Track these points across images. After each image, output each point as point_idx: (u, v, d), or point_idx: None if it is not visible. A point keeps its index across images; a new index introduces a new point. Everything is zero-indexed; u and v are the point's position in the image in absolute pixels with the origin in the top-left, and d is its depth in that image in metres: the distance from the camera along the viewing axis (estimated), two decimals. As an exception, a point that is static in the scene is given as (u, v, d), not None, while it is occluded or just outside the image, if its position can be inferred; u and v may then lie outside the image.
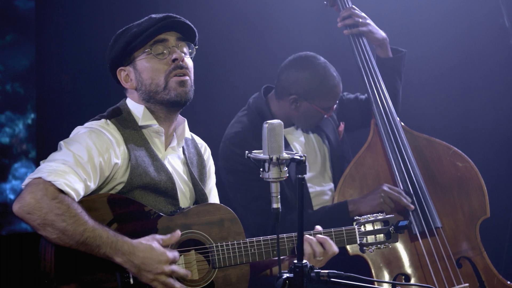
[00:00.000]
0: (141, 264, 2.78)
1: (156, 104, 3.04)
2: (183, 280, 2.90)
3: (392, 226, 3.29)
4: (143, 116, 3.04)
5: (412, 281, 3.88)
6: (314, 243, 3.11)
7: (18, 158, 4.91)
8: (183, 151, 3.17)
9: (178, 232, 2.90)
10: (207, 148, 3.31)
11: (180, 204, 3.03)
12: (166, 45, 3.02)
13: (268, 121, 2.65)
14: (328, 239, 3.14)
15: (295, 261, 2.64)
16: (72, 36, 4.86)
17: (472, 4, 5.21)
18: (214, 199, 3.28)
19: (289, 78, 4.07)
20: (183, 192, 3.10)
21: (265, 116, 4.04)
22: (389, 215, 3.32)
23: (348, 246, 3.82)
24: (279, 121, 2.66)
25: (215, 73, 5.08)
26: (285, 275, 2.62)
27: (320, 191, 4.15)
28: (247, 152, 2.70)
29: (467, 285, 3.92)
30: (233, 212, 3.05)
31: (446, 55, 5.30)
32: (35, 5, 4.87)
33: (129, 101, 3.09)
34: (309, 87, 4.04)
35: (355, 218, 3.29)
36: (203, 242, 2.97)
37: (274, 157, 2.63)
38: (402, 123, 4.15)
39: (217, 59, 5.07)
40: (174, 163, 3.11)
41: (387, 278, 3.89)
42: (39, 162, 2.84)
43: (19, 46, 4.89)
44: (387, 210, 3.81)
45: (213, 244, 2.97)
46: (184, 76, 3.02)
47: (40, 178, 2.73)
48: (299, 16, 5.20)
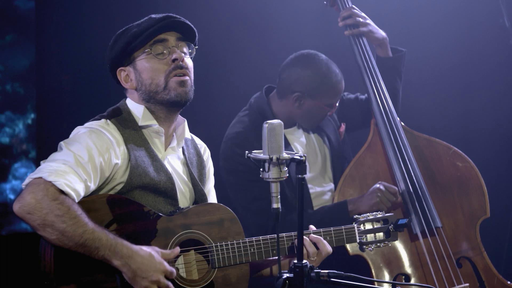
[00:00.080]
0: (138, 269, 2.77)
1: (156, 104, 3.04)
2: (182, 279, 2.90)
3: (392, 225, 3.29)
4: (143, 116, 3.03)
5: (412, 281, 3.88)
6: (307, 243, 3.09)
7: (18, 158, 4.91)
8: (183, 152, 3.17)
9: (178, 249, 2.89)
10: (207, 149, 3.31)
11: (180, 205, 3.03)
12: (166, 45, 3.02)
13: (268, 121, 2.65)
14: (322, 239, 3.11)
15: (295, 261, 2.64)
16: (72, 36, 4.86)
17: (472, 4, 5.21)
18: (213, 201, 3.27)
19: (292, 76, 4.07)
20: (183, 193, 3.09)
21: (267, 116, 4.04)
22: (389, 214, 3.32)
23: (348, 246, 3.83)
24: (279, 121, 2.66)
25: (215, 73, 5.08)
26: (285, 275, 2.62)
27: (321, 192, 4.15)
28: (247, 152, 2.70)
29: (467, 285, 3.92)
30: (233, 212, 3.05)
31: (446, 55, 5.30)
32: (35, 5, 4.87)
33: (129, 101, 3.09)
34: (312, 84, 4.04)
35: (355, 217, 3.29)
36: (203, 242, 2.97)
37: (274, 157, 2.63)
38: (402, 123, 4.15)
39: (217, 59, 5.07)
40: (174, 164, 3.11)
41: (387, 278, 3.89)
42: (39, 162, 2.84)
43: (19, 46, 4.89)
44: (384, 209, 3.81)
45: (213, 244, 2.97)
46: (184, 76, 3.02)
47: (41, 178, 2.73)
48: (299, 16, 5.20)
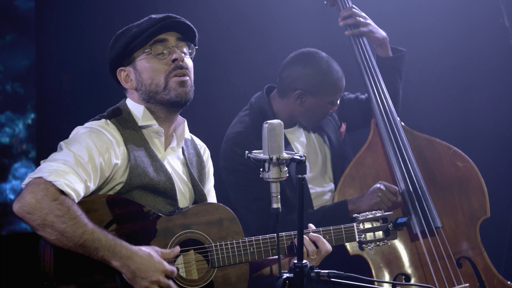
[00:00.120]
0: (137, 270, 2.77)
1: (156, 104, 3.04)
2: (182, 279, 2.90)
3: (391, 223, 3.28)
4: (143, 116, 3.03)
5: (412, 281, 3.88)
6: (307, 242, 3.08)
7: (18, 158, 4.91)
8: (183, 152, 3.17)
9: (178, 248, 2.89)
10: (207, 150, 3.31)
11: (179, 205, 3.03)
12: (166, 45, 3.02)
13: (268, 121, 2.65)
14: (321, 237, 3.11)
15: (295, 261, 2.63)
16: (72, 36, 4.86)
17: (472, 4, 5.21)
18: (212, 201, 3.26)
19: (293, 74, 4.07)
20: (182, 193, 3.09)
21: (267, 116, 4.04)
22: (388, 212, 3.32)
23: (348, 246, 3.82)
24: (279, 121, 2.65)
25: (215, 73, 5.08)
26: (285, 275, 2.62)
27: (321, 192, 4.15)
28: (247, 152, 2.70)
29: (467, 285, 3.91)
30: (232, 212, 3.05)
31: (446, 55, 5.30)
32: (35, 5, 4.87)
33: (129, 101, 3.09)
34: (314, 82, 4.04)
35: (354, 216, 3.28)
36: (202, 242, 2.97)
37: (274, 157, 2.63)
38: (403, 123, 4.14)
39: (217, 59, 5.07)
40: (174, 164, 3.11)
41: (387, 278, 3.89)
42: (39, 162, 2.83)
43: (19, 46, 4.89)
44: (384, 209, 3.81)
45: (212, 244, 2.97)
46: (184, 76, 3.02)
47: (41, 178, 2.73)
48: (299, 16, 5.20)
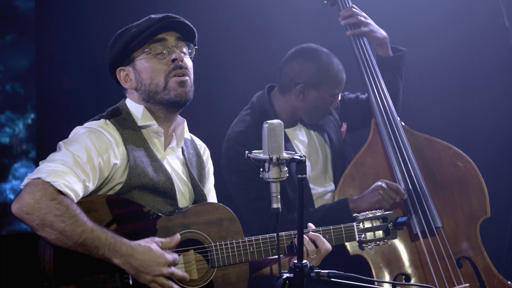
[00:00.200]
0: (139, 266, 2.77)
1: (156, 104, 3.04)
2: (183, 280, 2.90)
3: (391, 223, 3.28)
4: (143, 116, 3.03)
5: (413, 281, 3.88)
6: (306, 242, 3.07)
7: (18, 158, 4.91)
8: (183, 152, 3.17)
9: (178, 236, 2.89)
10: (206, 149, 3.31)
11: (179, 205, 3.03)
12: (166, 45, 3.02)
13: (268, 121, 2.64)
14: (320, 236, 3.10)
15: (295, 261, 2.63)
16: (72, 36, 4.86)
17: (472, 4, 5.21)
18: (212, 200, 3.27)
19: (294, 69, 4.07)
20: (182, 193, 3.09)
21: (269, 115, 4.04)
22: (388, 212, 3.31)
23: (348, 246, 3.82)
24: (279, 121, 2.65)
25: (215, 73, 5.08)
26: (285, 275, 2.62)
27: (323, 192, 4.15)
28: (247, 152, 2.70)
29: (468, 285, 3.91)
30: (232, 212, 3.05)
31: (446, 55, 5.30)
32: (35, 5, 4.87)
33: (129, 101, 3.09)
34: (316, 75, 4.04)
35: (354, 215, 3.28)
36: (202, 242, 2.96)
37: (274, 157, 2.63)
38: (403, 123, 4.14)
39: (217, 59, 5.07)
40: (173, 164, 3.11)
41: (388, 278, 3.89)
42: (39, 162, 2.84)
43: (19, 46, 4.89)
44: (386, 207, 3.81)
45: (212, 244, 2.97)
46: (184, 76, 3.02)
47: (39, 179, 2.72)
48: (299, 16, 5.20)
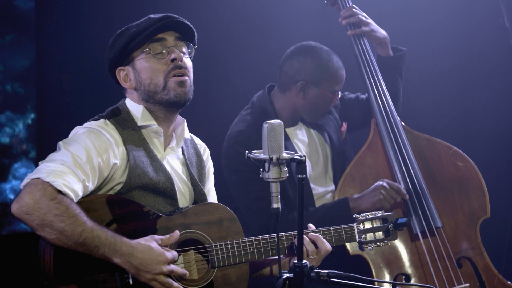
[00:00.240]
0: (140, 265, 2.77)
1: (155, 104, 3.04)
2: (182, 280, 2.90)
3: (391, 224, 3.28)
4: (142, 116, 3.03)
5: (413, 281, 3.88)
6: (306, 242, 3.07)
7: (18, 158, 4.91)
8: (182, 152, 3.17)
9: (177, 232, 2.89)
10: (206, 149, 3.31)
11: (179, 204, 3.03)
12: (165, 45, 3.02)
13: (268, 121, 2.64)
14: (320, 237, 3.09)
15: (295, 261, 2.63)
16: (72, 36, 4.86)
17: (472, 4, 5.21)
18: (213, 200, 3.27)
19: (294, 66, 4.07)
20: (182, 193, 3.09)
21: (269, 114, 4.04)
22: (388, 213, 3.31)
23: (349, 246, 3.82)
24: (279, 121, 2.65)
25: (215, 73, 5.08)
26: (285, 275, 2.62)
27: (324, 192, 4.15)
28: (247, 152, 2.70)
29: (468, 285, 3.91)
30: (232, 212, 3.05)
31: (446, 55, 5.30)
32: (35, 5, 4.87)
33: (128, 101, 3.08)
34: (316, 71, 4.04)
35: (354, 216, 3.28)
36: (202, 242, 2.96)
37: (274, 157, 2.63)
38: (403, 123, 4.14)
39: (217, 59, 5.07)
40: (173, 164, 3.11)
41: (388, 278, 3.89)
42: (38, 163, 2.84)
43: (19, 46, 4.89)
44: (387, 207, 3.81)
45: (212, 244, 2.97)
46: (183, 76, 3.02)
47: (39, 179, 2.72)
48: (299, 16, 5.20)
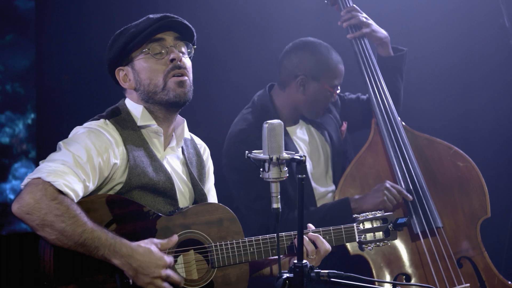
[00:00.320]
0: (139, 267, 2.77)
1: (155, 104, 3.04)
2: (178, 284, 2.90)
3: (391, 224, 3.28)
4: (142, 116, 3.03)
5: (413, 281, 3.88)
6: (306, 242, 3.07)
7: (18, 158, 4.90)
8: (182, 151, 3.17)
9: (176, 237, 2.89)
10: (206, 149, 3.30)
11: (179, 204, 3.02)
12: (164, 45, 3.01)
13: (268, 121, 2.64)
14: (320, 237, 3.09)
15: (295, 261, 2.63)
16: (72, 36, 4.86)
17: (472, 4, 5.21)
18: (213, 200, 3.27)
19: (293, 61, 4.08)
20: (182, 192, 3.09)
21: (270, 112, 4.05)
22: (388, 213, 3.31)
23: (349, 246, 3.82)
24: (279, 121, 2.65)
25: (215, 73, 5.08)
26: (285, 275, 2.62)
27: (325, 192, 4.15)
28: (247, 152, 2.69)
29: (468, 285, 3.92)
30: (232, 212, 3.05)
31: (446, 55, 5.30)
32: (35, 5, 4.87)
33: (128, 101, 3.08)
34: (315, 65, 4.05)
35: (354, 216, 3.28)
36: (202, 242, 2.96)
37: (274, 157, 2.63)
38: (403, 123, 4.14)
39: (217, 59, 5.07)
40: (173, 163, 3.11)
41: (388, 278, 3.89)
42: (39, 162, 2.83)
43: (19, 46, 4.89)
44: (389, 208, 3.81)
45: (212, 244, 2.97)
46: (183, 77, 3.02)
47: (40, 179, 2.72)
48: (299, 16, 5.20)
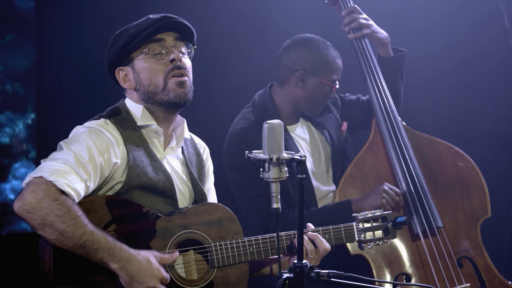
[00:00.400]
0: (135, 274, 2.76)
1: (155, 105, 3.04)
2: (182, 280, 2.90)
3: (390, 222, 3.28)
4: (142, 116, 3.03)
5: (413, 281, 3.88)
6: (305, 241, 3.07)
7: (18, 158, 4.90)
8: (182, 151, 3.17)
9: (177, 253, 2.88)
10: (206, 148, 3.31)
11: (179, 204, 3.02)
12: (164, 45, 3.01)
13: (268, 121, 2.64)
14: (319, 236, 3.09)
15: (295, 261, 2.63)
16: (72, 36, 4.86)
17: (472, 4, 5.21)
18: (212, 199, 3.27)
19: (292, 57, 4.08)
20: (182, 192, 3.09)
21: (270, 111, 4.06)
22: (387, 212, 3.31)
23: (349, 245, 3.82)
24: (279, 121, 2.65)
25: (215, 73, 5.08)
26: (285, 275, 2.62)
27: (325, 192, 4.15)
28: (247, 152, 2.69)
29: (468, 285, 3.91)
30: (231, 212, 3.05)
31: (446, 55, 5.30)
32: (35, 5, 4.87)
33: (128, 101, 3.08)
34: (314, 60, 4.06)
35: (353, 215, 3.28)
36: (202, 242, 2.96)
37: (274, 157, 2.63)
38: (404, 123, 4.14)
39: (217, 59, 5.07)
40: (173, 163, 3.11)
41: (388, 278, 3.89)
42: (39, 162, 2.83)
43: (19, 46, 4.89)
44: (388, 210, 3.80)
45: (212, 244, 2.97)
46: (183, 77, 3.02)
47: (42, 178, 2.72)
48: (299, 16, 5.20)
